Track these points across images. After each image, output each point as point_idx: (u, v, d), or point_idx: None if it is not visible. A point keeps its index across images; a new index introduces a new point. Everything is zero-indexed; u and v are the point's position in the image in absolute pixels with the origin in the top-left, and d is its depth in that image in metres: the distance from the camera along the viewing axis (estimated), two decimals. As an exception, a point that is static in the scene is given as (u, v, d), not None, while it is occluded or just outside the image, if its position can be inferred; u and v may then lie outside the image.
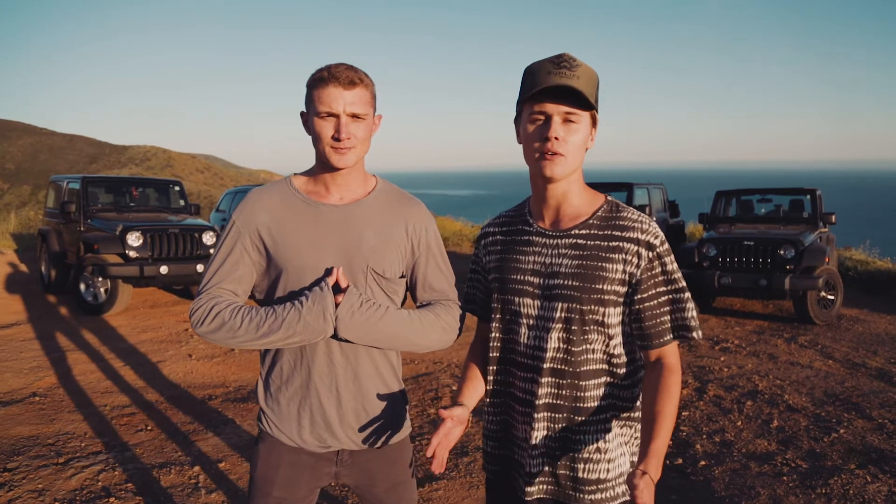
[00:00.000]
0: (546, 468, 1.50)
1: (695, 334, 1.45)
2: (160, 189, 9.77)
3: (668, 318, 1.45)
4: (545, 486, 1.51)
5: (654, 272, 1.44)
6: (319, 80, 1.50)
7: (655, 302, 1.44)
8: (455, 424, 1.49)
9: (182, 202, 9.62)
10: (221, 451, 3.90)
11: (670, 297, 1.45)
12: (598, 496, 1.48)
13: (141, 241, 7.71)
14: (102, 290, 7.73)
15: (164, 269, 7.65)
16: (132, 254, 7.64)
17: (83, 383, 5.15)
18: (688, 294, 1.47)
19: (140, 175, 35.81)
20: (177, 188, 9.76)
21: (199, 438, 4.09)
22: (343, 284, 1.52)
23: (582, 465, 1.48)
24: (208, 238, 8.22)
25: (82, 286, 7.77)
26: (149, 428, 4.25)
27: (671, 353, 1.46)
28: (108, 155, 51.73)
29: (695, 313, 1.46)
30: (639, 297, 1.44)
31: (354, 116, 1.51)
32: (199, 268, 7.91)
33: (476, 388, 1.65)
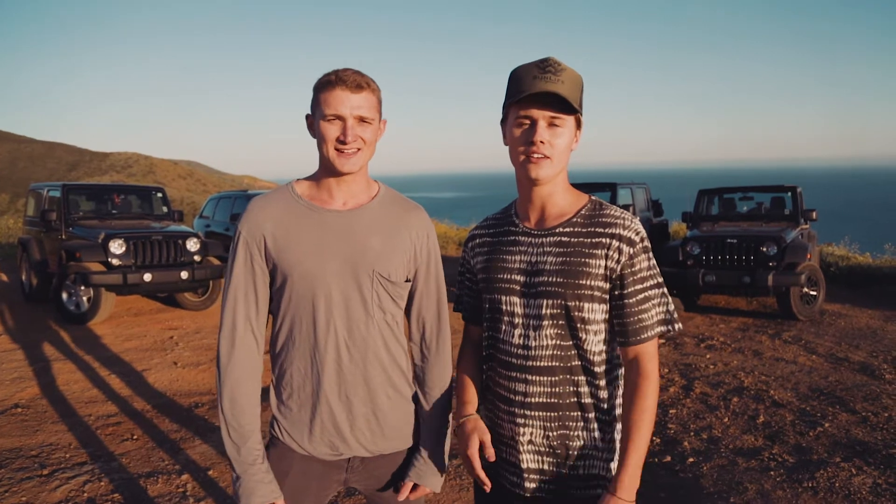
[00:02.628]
0: (538, 466, 1.51)
1: (676, 326, 1.49)
2: (142, 196, 9.66)
3: (646, 315, 1.47)
4: (539, 484, 1.52)
5: (634, 268, 1.46)
6: (326, 84, 1.50)
7: (635, 299, 1.46)
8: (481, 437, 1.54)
9: (165, 209, 9.52)
10: (209, 458, 3.86)
11: (650, 293, 1.47)
12: (591, 492, 1.49)
13: (124, 248, 7.61)
14: (85, 298, 7.62)
15: (147, 277, 7.56)
16: (115, 261, 7.54)
17: (67, 393, 5.08)
18: (664, 289, 1.50)
19: (122, 182, 35.41)
20: (159, 195, 9.66)
21: (187, 446, 4.05)
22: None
23: (573, 463, 1.49)
24: (192, 245, 8.13)
25: (65, 295, 7.66)
26: (135, 437, 4.20)
27: (648, 352, 1.47)
28: (88, 162, 51.16)
29: (672, 306, 1.50)
30: (618, 293, 1.46)
31: (361, 120, 1.52)
32: (184, 275, 7.83)
33: (474, 395, 1.65)
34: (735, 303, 8.80)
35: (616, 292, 1.46)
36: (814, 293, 7.69)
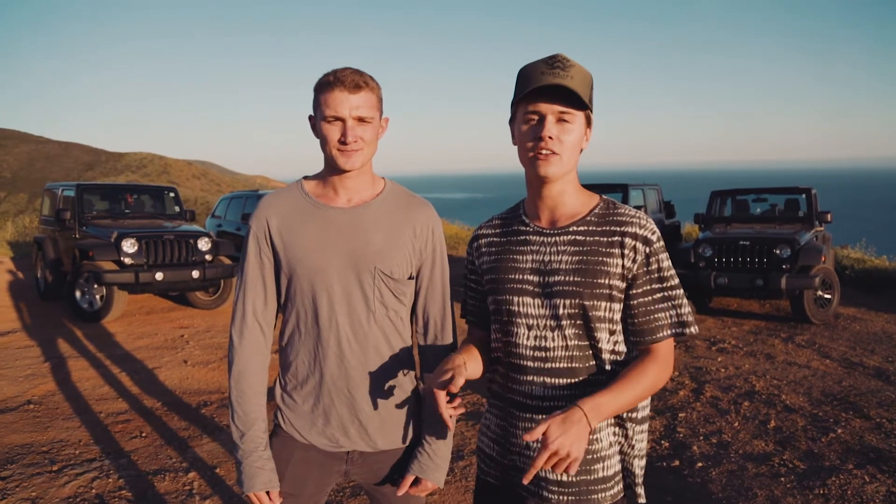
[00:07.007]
0: (556, 477, 1.46)
1: (691, 329, 1.45)
2: (155, 195, 9.75)
3: (661, 314, 1.44)
4: (559, 496, 1.46)
5: (649, 268, 1.43)
6: (325, 85, 1.51)
7: (650, 298, 1.44)
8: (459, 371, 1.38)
9: (177, 208, 9.59)
10: (216, 457, 3.88)
11: (665, 293, 1.45)
12: (603, 494, 1.46)
13: (136, 247, 7.68)
14: (98, 297, 7.69)
15: (159, 276, 7.63)
16: (127, 260, 7.61)
17: (78, 390, 5.12)
18: (682, 291, 1.46)
19: (137, 182, 35.75)
20: (171, 194, 9.74)
21: (195, 444, 4.07)
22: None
23: (592, 466, 1.45)
24: (203, 244, 8.19)
25: (78, 293, 7.74)
26: (143, 434, 4.23)
27: (662, 349, 1.45)
28: (104, 162, 51.65)
29: (689, 309, 1.46)
30: (633, 292, 1.44)
31: (360, 120, 1.53)
32: (195, 274, 7.89)
33: (475, 360, 1.53)
34: (747, 305, 8.71)
35: (631, 291, 1.44)
36: (828, 296, 7.59)
